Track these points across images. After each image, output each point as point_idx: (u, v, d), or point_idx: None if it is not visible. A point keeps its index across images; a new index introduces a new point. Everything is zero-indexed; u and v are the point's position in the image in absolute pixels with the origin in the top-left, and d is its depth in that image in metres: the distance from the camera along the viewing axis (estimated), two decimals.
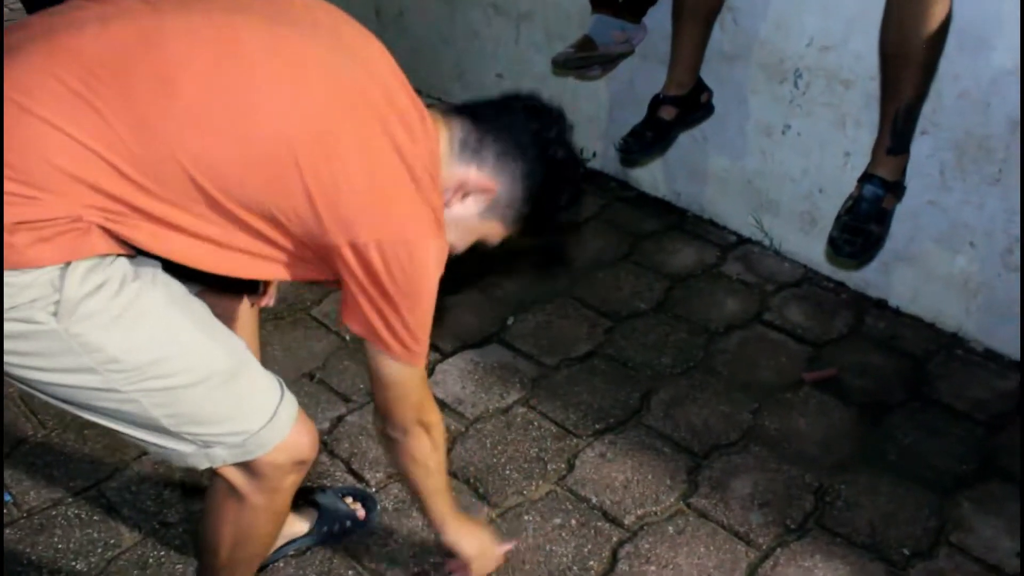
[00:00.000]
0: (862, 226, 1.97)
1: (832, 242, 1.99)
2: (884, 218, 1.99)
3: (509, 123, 1.23)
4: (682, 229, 2.74)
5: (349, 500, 1.77)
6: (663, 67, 2.36)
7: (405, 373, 1.22)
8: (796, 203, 2.50)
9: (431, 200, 1.14)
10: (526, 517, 1.79)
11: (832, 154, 2.35)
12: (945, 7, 1.77)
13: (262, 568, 1.63)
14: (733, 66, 2.43)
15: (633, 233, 2.71)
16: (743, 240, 2.68)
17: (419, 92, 1.25)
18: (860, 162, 2.05)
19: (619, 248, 2.65)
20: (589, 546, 1.73)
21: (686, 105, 2.32)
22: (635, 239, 2.69)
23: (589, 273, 2.54)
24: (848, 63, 2.20)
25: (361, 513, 1.75)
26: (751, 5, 2.32)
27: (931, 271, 2.28)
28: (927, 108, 2.05)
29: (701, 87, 2.35)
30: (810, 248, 2.52)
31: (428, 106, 1.22)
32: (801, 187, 2.46)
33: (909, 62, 1.83)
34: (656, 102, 2.32)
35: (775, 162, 2.49)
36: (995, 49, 1.96)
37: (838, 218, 2.01)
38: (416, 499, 1.49)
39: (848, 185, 2.06)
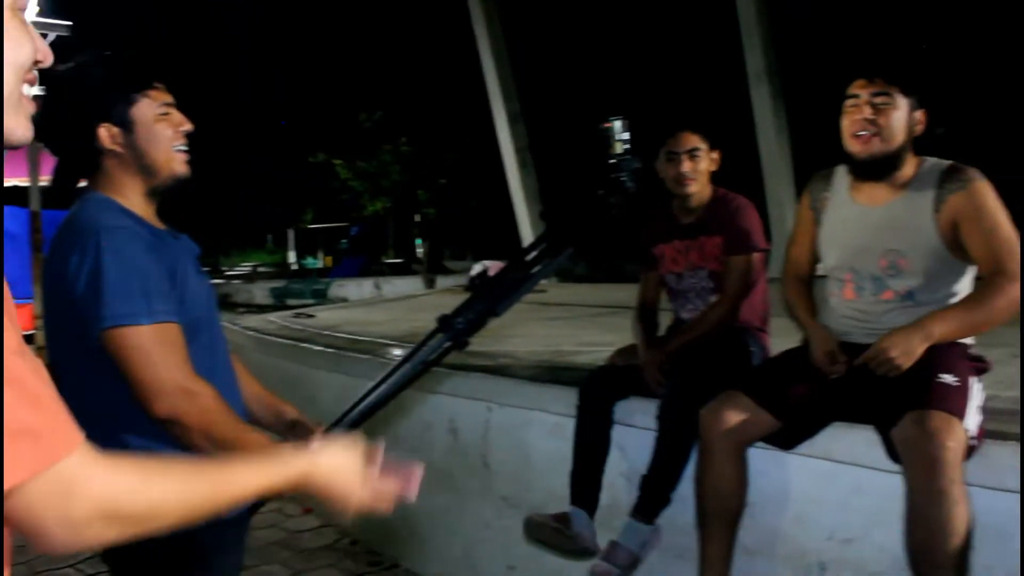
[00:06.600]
0: None
1: None
2: None
3: None
4: None
5: None
6: (680, 561, 2.33)
7: None
8: None
9: None
10: None
11: None
12: (966, 508, 1.83)
13: None
14: (755, 560, 2.40)
15: None
16: None
17: None
18: None
19: None
20: None
21: None
22: None
23: None
24: (873, 555, 2.19)
25: None
26: (767, 501, 2.38)
27: None
28: None
29: None
30: None
31: None
32: None
33: (937, 565, 1.83)
34: None
35: None
36: (1016, 539, 1.97)
37: None
38: None
39: None
